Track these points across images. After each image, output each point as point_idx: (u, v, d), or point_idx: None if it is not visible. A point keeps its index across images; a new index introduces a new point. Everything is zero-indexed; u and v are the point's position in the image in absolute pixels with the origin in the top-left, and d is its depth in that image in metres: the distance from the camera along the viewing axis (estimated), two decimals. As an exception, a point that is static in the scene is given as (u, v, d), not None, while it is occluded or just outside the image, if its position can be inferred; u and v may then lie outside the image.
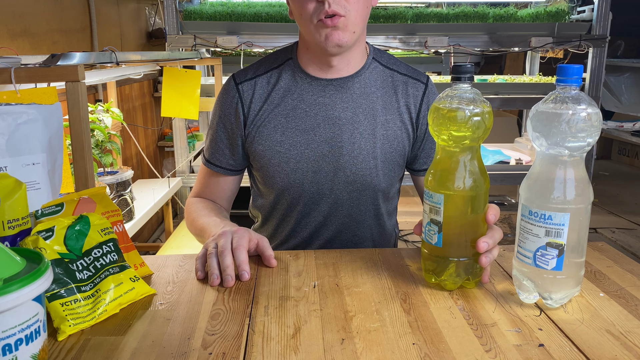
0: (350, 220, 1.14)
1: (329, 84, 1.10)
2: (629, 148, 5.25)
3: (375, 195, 1.13)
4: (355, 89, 1.10)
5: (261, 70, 1.13)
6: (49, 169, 0.92)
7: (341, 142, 1.09)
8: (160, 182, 2.61)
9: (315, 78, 1.10)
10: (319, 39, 1.01)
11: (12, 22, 2.01)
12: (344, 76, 1.10)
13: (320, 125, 1.09)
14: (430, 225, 0.81)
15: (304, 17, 1.01)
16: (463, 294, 0.81)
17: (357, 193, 1.11)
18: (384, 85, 1.12)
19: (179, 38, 2.64)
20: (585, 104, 0.72)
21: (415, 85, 1.14)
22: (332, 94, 1.10)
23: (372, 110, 1.10)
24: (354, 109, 1.10)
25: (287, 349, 0.67)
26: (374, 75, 1.12)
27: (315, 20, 1.00)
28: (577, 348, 0.67)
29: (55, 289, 0.72)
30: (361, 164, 1.09)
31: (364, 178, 1.10)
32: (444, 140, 0.80)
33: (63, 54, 1.23)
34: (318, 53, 1.07)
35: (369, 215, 1.15)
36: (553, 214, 0.73)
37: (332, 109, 1.09)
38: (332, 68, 1.09)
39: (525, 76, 3.41)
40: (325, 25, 0.99)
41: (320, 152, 1.09)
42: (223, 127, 1.15)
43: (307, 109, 1.09)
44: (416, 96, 1.13)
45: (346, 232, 1.15)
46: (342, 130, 1.09)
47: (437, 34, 2.71)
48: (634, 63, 4.44)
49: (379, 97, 1.11)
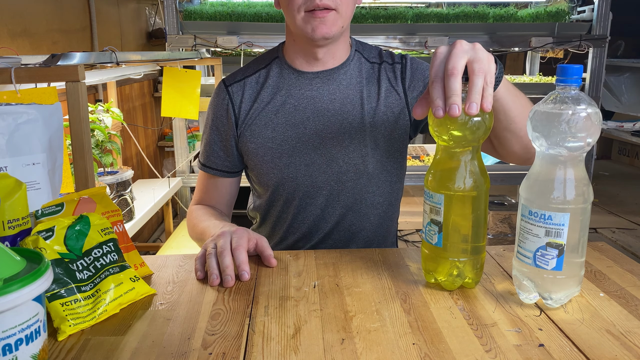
0: (347, 210, 1.15)
1: (315, 77, 1.12)
2: (629, 148, 5.25)
3: (371, 183, 1.14)
4: (342, 80, 1.12)
5: (249, 71, 1.16)
6: (49, 169, 0.92)
7: (331, 134, 1.10)
8: (160, 182, 2.61)
9: (302, 72, 1.12)
10: (306, 29, 1.02)
11: (12, 22, 2.01)
12: (330, 68, 1.12)
13: (309, 118, 1.11)
14: (430, 225, 0.81)
15: (292, 7, 1.02)
16: (463, 294, 0.81)
17: (352, 182, 1.12)
18: (367, 75, 1.14)
19: (179, 38, 2.64)
20: (585, 104, 0.72)
21: (393, 67, 1.15)
22: (319, 87, 1.11)
23: (359, 99, 1.12)
24: (341, 100, 1.11)
25: (287, 349, 0.67)
26: (358, 66, 1.14)
27: (304, 11, 1.01)
28: (577, 348, 0.67)
29: (55, 289, 0.72)
30: (352, 153, 1.11)
31: (357, 167, 1.11)
32: (445, 140, 0.80)
33: (63, 54, 1.23)
34: (304, 44, 1.09)
35: (365, 204, 1.15)
36: (553, 214, 0.73)
37: (320, 102, 1.11)
38: (318, 61, 1.11)
39: (525, 76, 3.41)
40: (315, 16, 1.00)
41: (311, 145, 1.11)
42: (216, 129, 1.16)
43: (296, 104, 1.11)
44: (397, 77, 1.15)
45: (344, 222, 1.16)
46: (332, 122, 1.10)
47: (437, 34, 2.71)
48: (634, 63, 4.44)
49: (364, 87, 1.13)
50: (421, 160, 2.97)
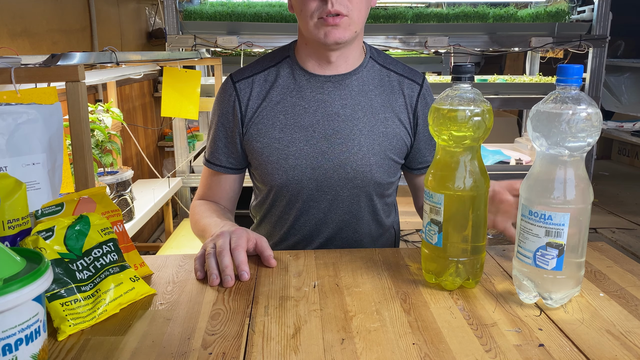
0: (350, 217, 1.14)
1: (327, 80, 1.11)
2: (629, 148, 5.25)
3: (374, 191, 1.14)
4: (354, 86, 1.11)
5: (258, 69, 1.14)
6: (49, 169, 0.92)
7: (340, 139, 1.09)
8: (160, 182, 2.61)
9: (314, 75, 1.11)
10: (319, 35, 1.02)
11: (12, 22, 2.01)
12: (342, 73, 1.11)
13: (319, 121, 1.10)
14: (431, 225, 0.81)
15: (305, 13, 1.02)
16: (463, 294, 0.81)
17: (357, 189, 1.12)
18: (381, 84, 1.13)
19: (179, 38, 2.64)
20: (585, 104, 0.72)
21: (411, 85, 1.15)
22: (330, 91, 1.10)
23: (370, 107, 1.11)
24: (352, 106, 1.10)
25: (287, 349, 0.67)
26: (372, 73, 1.14)
27: (316, 17, 1.01)
28: (577, 348, 0.67)
29: (55, 289, 0.72)
30: (361, 161, 1.10)
31: (364, 174, 1.10)
32: (444, 140, 0.80)
33: (63, 54, 1.23)
34: (317, 48, 1.08)
35: (368, 212, 1.15)
36: (553, 214, 0.73)
37: (330, 106, 1.10)
38: (330, 64, 1.10)
39: (525, 76, 3.41)
40: (327, 24, 1.00)
41: (319, 149, 1.10)
42: (222, 126, 1.15)
43: (306, 106, 1.10)
44: (411, 96, 1.15)
45: (346, 229, 1.15)
46: (341, 127, 1.10)
47: (437, 34, 2.71)
48: (634, 63, 4.43)
49: (376, 95, 1.12)
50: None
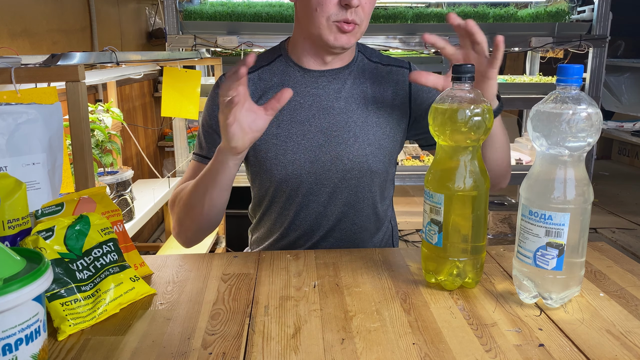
0: (349, 208, 1.15)
1: (321, 75, 1.13)
2: (629, 148, 5.25)
3: (372, 181, 1.15)
4: (347, 79, 1.14)
5: (252, 68, 1.15)
6: (49, 169, 0.92)
7: (336, 131, 1.11)
8: (160, 182, 2.61)
9: (308, 70, 1.13)
10: (328, 37, 1.04)
11: (12, 22, 2.01)
12: (336, 67, 1.13)
13: (315, 115, 1.11)
14: (431, 225, 0.81)
15: (320, 13, 1.03)
16: (463, 294, 0.81)
17: (355, 180, 1.13)
18: (371, 76, 1.16)
19: (179, 38, 2.64)
20: (585, 104, 0.72)
21: (399, 70, 1.17)
22: (325, 85, 1.13)
23: (363, 99, 1.13)
24: (346, 99, 1.13)
25: (287, 349, 0.67)
26: (362, 67, 1.16)
27: (332, 20, 1.02)
28: (577, 348, 0.67)
29: (55, 288, 0.72)
30: (357, 151, 1.12)
31: (361, 165, 1.12)
32: (444, 140, 0.80)
33: (63, 54, 1.23)
34: (318, 46, 1.10)
35: (367, 203, 1.17)
36: (553, 214, 0.73)
37: (325, 99, 1.12)
38: (326, 61, 1.12)
39: (525, 76, 3.41)
40: (342, 30, 1.02)
41: (316, 142, 1.11)
42: (217, 124, 1.13)
43: (302, 101, 1.12)
44: (402, 82, 1.17)
45: (345, 220, 1.16)
46: (337, 120, 1.12)
47: (437, 34, 2.71)
48: (634, 63, 4.44)
49: (368, 87, 1.15)
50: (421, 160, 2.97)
